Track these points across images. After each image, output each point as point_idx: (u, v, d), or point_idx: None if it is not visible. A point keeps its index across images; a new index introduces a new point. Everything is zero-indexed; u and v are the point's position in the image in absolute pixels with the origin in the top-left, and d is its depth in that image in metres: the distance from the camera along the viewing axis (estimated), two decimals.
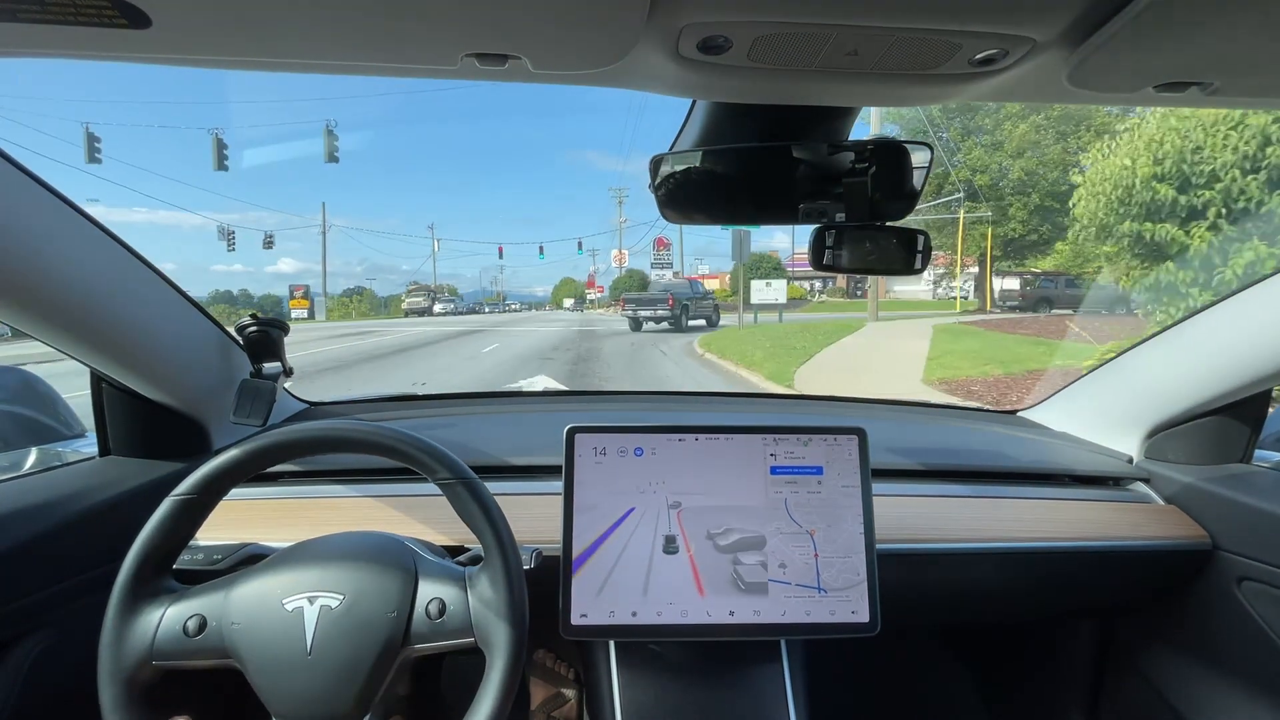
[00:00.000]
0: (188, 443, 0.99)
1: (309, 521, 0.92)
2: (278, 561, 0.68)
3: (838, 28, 0.46)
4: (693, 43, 0.48)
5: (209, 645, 0.63)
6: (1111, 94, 0.55)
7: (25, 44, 0.46)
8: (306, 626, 0.63)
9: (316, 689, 0.62)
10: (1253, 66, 0.50)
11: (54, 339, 0.78)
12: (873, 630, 0.80)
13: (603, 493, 0.82)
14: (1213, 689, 0.99)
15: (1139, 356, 1.09)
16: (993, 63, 0.51)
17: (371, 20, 0.44)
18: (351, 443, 0.68)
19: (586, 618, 0.79)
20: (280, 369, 1.06)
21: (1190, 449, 1.05)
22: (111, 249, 0.80)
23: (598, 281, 54.60)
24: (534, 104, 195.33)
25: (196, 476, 0.65)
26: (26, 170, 0.68)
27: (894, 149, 0.73)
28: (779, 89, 0.58)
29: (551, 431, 0.89)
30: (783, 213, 0.78)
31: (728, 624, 0.80)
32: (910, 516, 0.97)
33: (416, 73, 0.52)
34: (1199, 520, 0.99)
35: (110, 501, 0.86)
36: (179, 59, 0.49)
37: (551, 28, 0.45)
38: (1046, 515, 1.01)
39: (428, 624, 0.65)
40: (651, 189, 0.75)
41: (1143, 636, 1.11)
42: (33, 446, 1.06)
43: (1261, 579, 0.90)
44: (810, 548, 0.81)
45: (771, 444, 0.84)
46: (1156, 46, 0.47)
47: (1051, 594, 1.04)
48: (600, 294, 52.95)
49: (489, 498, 0.68)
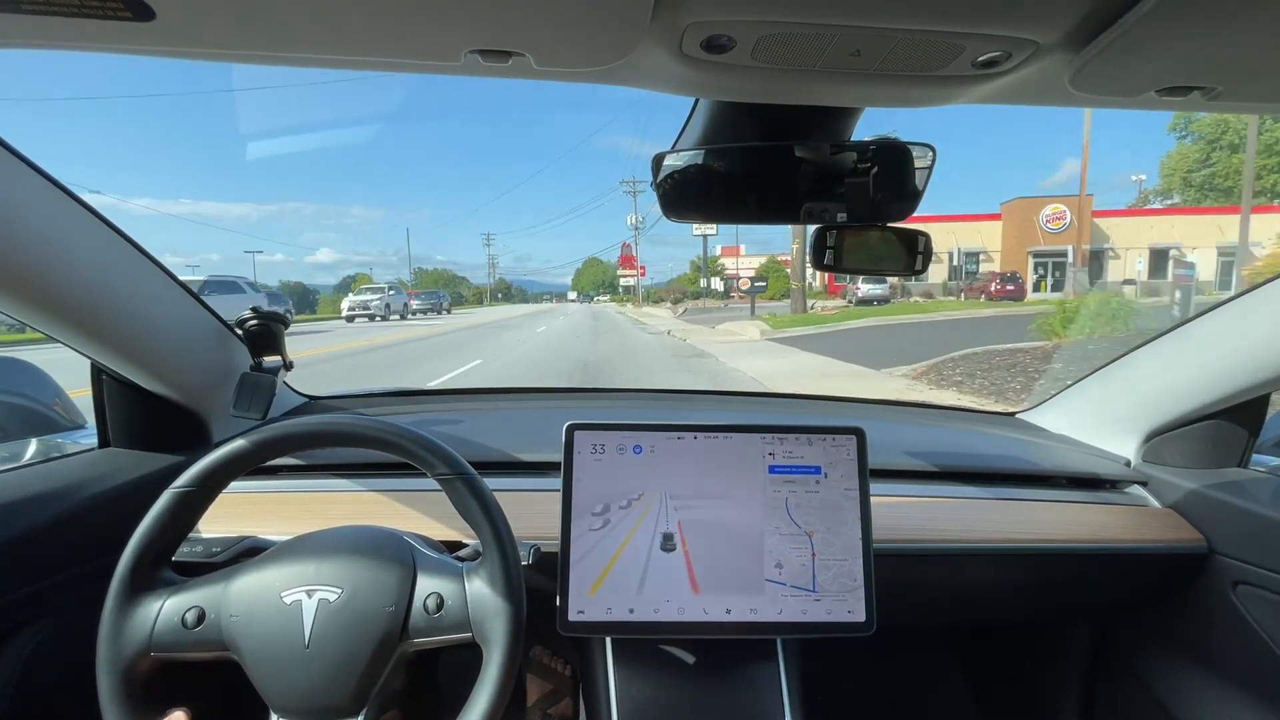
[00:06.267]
0: (188, 435, 1.00)
1: (308, 515, 0.92)
2: (276, 555, 0.68)
3: (841, 28, 0.46)
4: (696, 41, 0.48)
5: (207, 637, 0.63)
6: (1113, 97, 0.55)
7: (28, 36, 0.46)
8: (304, 619, 0.63)
9: (314, 682, 0.62)
10: (1255, 71, 0.50)
11: (55, 330, 0.78)
12: (868, 630, 0.80)
13: (601, 490, 0.82)
14: (1207, 692, 1.00)
15: (1138, 360, 1.10)
16: (995, 65, 0.51)
17: (375, 16, 0.44)
18: (351, 437, 0.68)
19: (583, 614, 0.79)
20: (280, 363, 1.06)
21: (1188, 453, 1.05)
22: (112, 240, 0.80)
23: (638, 259, 36.17)
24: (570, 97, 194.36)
25: (196, 469, 0.65)
26: (28, 160, 0.68)
27: (897, 149, 0.73)
28: (782, 88, 0.58)
29: (551, 428, 0.89)
30: (785, 212, 0.78)
31: (724, 622, 0.80)
32: (908, 517, 0.98)
33: (419, 68, 0.52)
34: (1195, 524, 0.99)
35: (110, 493, 0.86)
36: (182, 51, 0.49)
37: (555, 25, 0.45)
38: (1044, 517, 1.01)
39: (425, 618, 0.65)
40: (654, 187, 0.75)
41: (1138, 639, 1.12)
42: (32, 437, 1.06)
43: (1257, 583, 0.90)
44: (808, 549, 0.82)
45: (770, 443, 0.84)
46: (1159, 50, 0.47)
47: (1047, 595, 1.04)
48: (642, 277, 36.58)
49: (487, 493, 0.68)
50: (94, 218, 0.77)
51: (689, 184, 0.76)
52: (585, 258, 60.71)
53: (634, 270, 36.25)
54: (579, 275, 64.85)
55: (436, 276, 78.74)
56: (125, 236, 0.82)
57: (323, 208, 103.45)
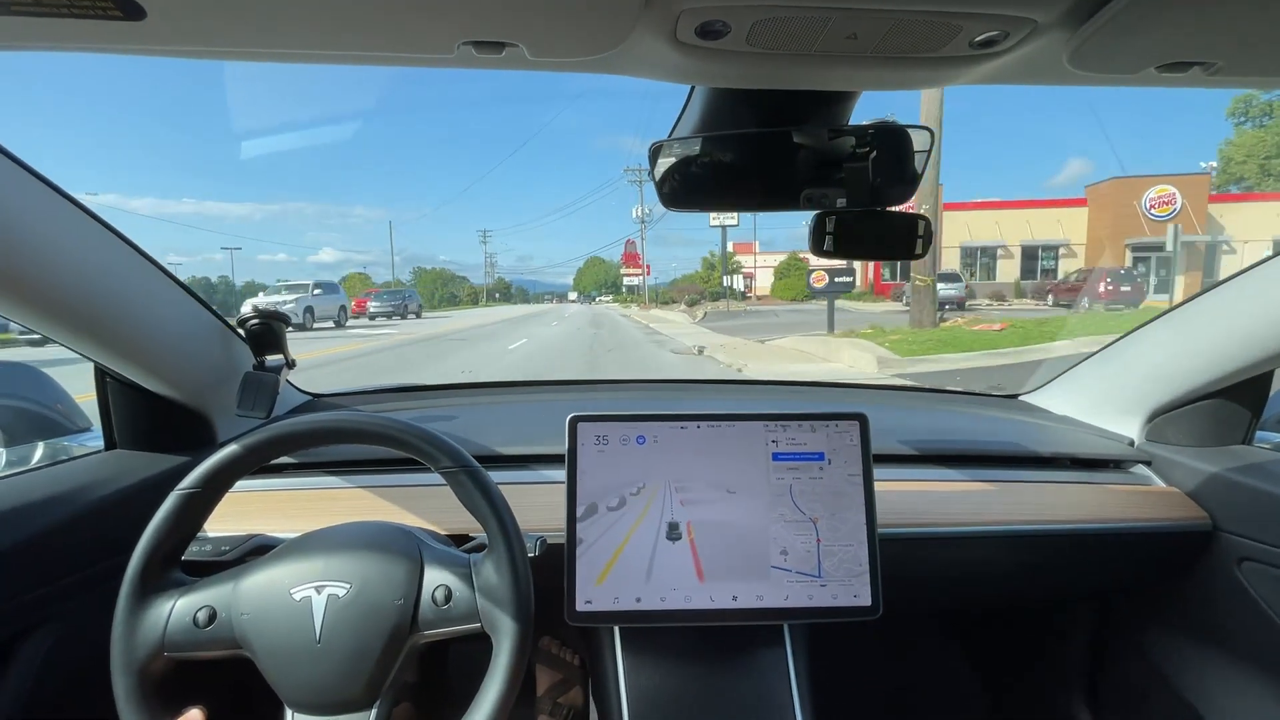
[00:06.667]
0: (192, 436, 1.00)
1: (315, 512, 0.93)
2: (285, 552, 0.68)
3: (837, 11, 0.45)
4: (691, 28, 0.48)
5: (219, 636, 0.64)
6: (1113, 75, 0.55)
7: (18, 37, 0.46)
8: (315, 615, 0.63)
9: (326, 677, 0.63)
10: (1256, 45, 0.49)
11: (57, 333, 0.78)
12: (875, 614, 0.81)
13: (605, 480, 0.82)
14: (1213, 669, 1.00)
15: (1140, 340, 1.09)
16: (993, 45, 0.50)
17: (367, 9, 0.44)
18: (355, 434, 0.68)
19: (591, 604, 0.80)
20: (283, 361, 1.06)
21: (1191, 431, 1.05)
22: (112, 243, 0.80)
23: (643, 256, 32.14)
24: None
25: (202, 470, 0.66)
26: (25, 165, 0.68)
27: (895, 133, 0.72)
28: (778, 74, 0.57)
29: (553, 420, 0.90)
30: (784, 199, 0.77)
31: (731, 609, 0.81)
32: (912, 501, 0.98)
33: (412, 62, 0.52)
34: (1200, 502, 0.99)
35: (117, 495, 0.87)
36: (174, 50, 0.49)
37: (548, 14, 0.45)
38: (1048, 498, 1.01)
39: (434, 610, 0.65)
40: (651, 177, 0.75)
41: (1143, 618, 1.12)
42: (39, 441, 1.07)
43: (1262, 559, 0.91)
44: (813, 535, 0.82)
45: (773, 430, 0.84)
46: (1158, 26, 0.46)
47: (1052, 576, 1.05)
48: (648, 276, 33.15)
49: (492, 485, 0.68)
50: (92, 220, 0.77)
51: (687, 173, 0.75)
52: (587, 257, 58.77)
53: (639, 269, 32.82)
54: (580, 275, 63.63)
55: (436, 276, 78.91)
56: (124, 238, 0.82)
57: (325, 207, 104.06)
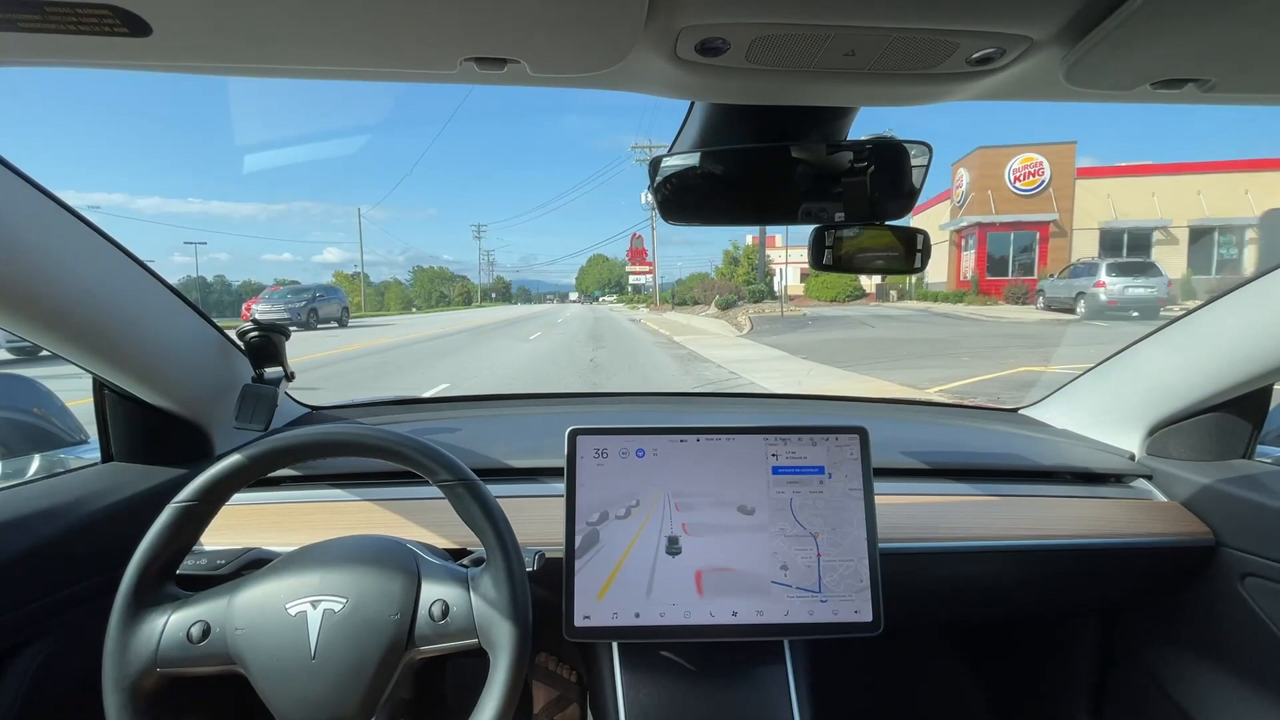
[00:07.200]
0: (190, 448, 0.99)
1: (311, 526, 0.92)
2: (280, 566, 0.68)
3: (835, 28, 0.46)
4: (691, 44, 0.48)
5: (213, 651, 0.63)
6: (1109, 91, 0.55)
7: (26, 53, 0.46)
8: (310, 630, 0.63)
9: (321, 693, 0.62)
10: (1250, 62, 0.50)
11: (56, 345, 0.78)
12: (875, 630, 0.80)
13: (604, 494, 0.82)
14: (1217, 685, 0.99)
15: (1140, 353, 1.09)
16: (990, 62, 0.51)
17: (370, 27, 0.44)
18: (353, 447, 0.68)
19: (589, 619, 0.79)
20: (282, 374, 1.06)
21: (1193, 445, 1.04)
22: (112, 255, 0.81)
23: (650, 252, 27.39)
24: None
25: (198, 483, 0.65)
26: (26, 176, 0.68)
27: (893, 148, 0.73)
28: (777, 90, 0.58)
29: (552, 433, 0.89)
30: (783, 213, 0.78)
31: (731, 624, 0.80)
32: (913, 516, 0.97)
33: (415, 78, 0.52)
34: (1202, 516, 0.99)
35: (113, 508, 0.86)
36: (179, 66, 0.50)
37: (550, 31, 0.45)
38: (1049, 513, 1.01)
39: (431, 626, 0.65)
40: (651, 191, 0.76)
41: (1146, 633, 1.11)
42: (35, 453, 1.06)
43: (1265, 575, 0.90)
44: (813, 549, 0.81)
45: (773, 444, 0.84)
46: (1153, 43, 0.47)
47: (1055, 591, 1.04)
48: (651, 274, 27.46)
49: (490, 498, 0.68)
50: (92, 232, 0.77)
51: (687, 187, 0.76)
52: (590, 255, 56.05)
53: (646, 266, 28.85)
54: (583, 273, 62.35)
55: (433, 275, 79.45)
56: (124, 250, 0.82)
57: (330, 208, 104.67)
